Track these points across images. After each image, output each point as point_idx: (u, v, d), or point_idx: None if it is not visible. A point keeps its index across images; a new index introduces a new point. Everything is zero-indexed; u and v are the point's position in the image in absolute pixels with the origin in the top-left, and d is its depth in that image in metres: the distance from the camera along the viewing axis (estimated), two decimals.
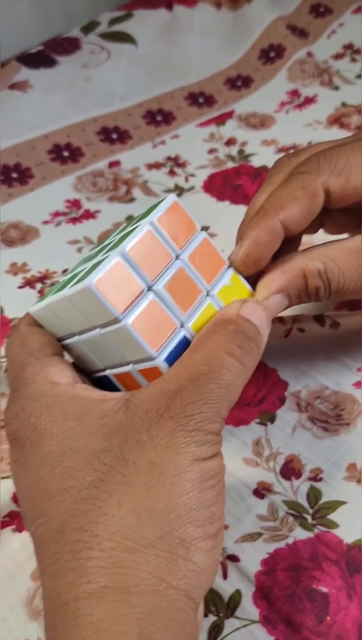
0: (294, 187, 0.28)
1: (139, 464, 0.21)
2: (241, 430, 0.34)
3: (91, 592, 0.19)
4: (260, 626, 0.26)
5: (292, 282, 0.27)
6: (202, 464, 0.21)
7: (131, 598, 0.19)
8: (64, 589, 0.20)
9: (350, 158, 0.28)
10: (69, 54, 0.67)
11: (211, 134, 0.61)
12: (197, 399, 0.21)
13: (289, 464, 0.32)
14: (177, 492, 0.20)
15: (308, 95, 0.66)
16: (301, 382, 0.36)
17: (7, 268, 0.47)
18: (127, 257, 0.23)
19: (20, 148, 0.58)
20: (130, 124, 0.62)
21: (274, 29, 0.73)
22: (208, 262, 0.25)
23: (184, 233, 0.25)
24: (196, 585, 0.20)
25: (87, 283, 0.22)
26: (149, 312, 0.23)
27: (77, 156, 0.59)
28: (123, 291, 0.23)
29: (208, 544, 0.21)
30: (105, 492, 0.20)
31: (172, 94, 0.66)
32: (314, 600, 0.27)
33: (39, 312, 0.27)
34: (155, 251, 0.24)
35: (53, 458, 0.22)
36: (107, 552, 0.19)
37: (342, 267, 0.27)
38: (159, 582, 0.19)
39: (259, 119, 0.63)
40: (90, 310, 0.23)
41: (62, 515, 0.21)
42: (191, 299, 0.24)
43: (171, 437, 0.21)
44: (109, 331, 0.23)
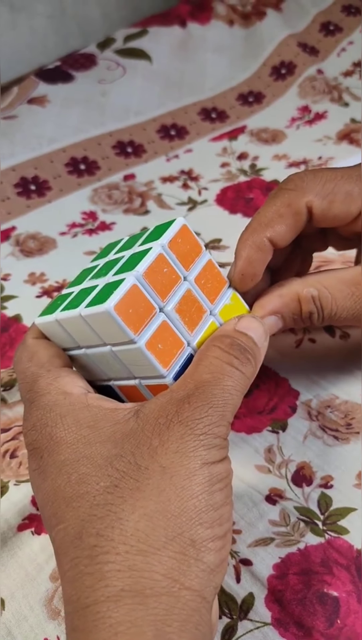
0: (279, 204, 0.29)
1: (150, 469, 0.21)
2: (254, 437, 0.35)
3: (109, 595, 0.20)
4: (272, 628, 0.27)
5: (286, 306, 0.29)
6: (211, 467, 0.22)
7: (147, 600, 0.19)
8: (83, 593, 0.20)
9: (338, 185, 0.30)
10: (86, 69, 0.69)
11: (224, 148, 0.63)
12: (203, 403, 0.22)
13: (300, 471, 0.33)
14: (187, 495, 0.21)
15: (318, 111, 0.67)
16: (311, 392, 0.37)
17: (26, 278, 0.48)
18: (141, 280, 0.24)
19: (38, 161, 0.59)
20: (145, 138, 0.64)
21: (285, 46, 0.74)
22: (211, 283, 0.27)
23: (191, 255, 0.26)
24: (208, 585, 0.21)
25: (106, 307, 0.23)
26: (160, 333, 0.24)
27: (93, 169, 0.60)
28: (137, 313, 0.24)
29: (217, 544, 0.21)
30: (119, 497, 0.21)
31: (186, 109, 0.68)
32: (325, 604, 0.27)
33: (47, 325, 0.27)
34: (166, 273, 0.25)
35: (69, 466, 0.23)
36: (122, 556, 0.20)
37: (335, 295, 0.29)
38: (173, 584, 0.20)
39: (271, 134, 0.64)
40: (104, 331, 0.24)
41: (80, 521, 0.21)
42: (197, 319, 0.26)
43: (181, 441, 0.22)
44: (121, 350, 0.24)
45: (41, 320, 0.27)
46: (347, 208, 0.30)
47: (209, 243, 0.49)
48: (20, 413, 0.37)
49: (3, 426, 0.37)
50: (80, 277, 0.29)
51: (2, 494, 0.33)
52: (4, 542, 0.31)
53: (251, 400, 0.36)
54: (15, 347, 0.42)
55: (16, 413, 0.37)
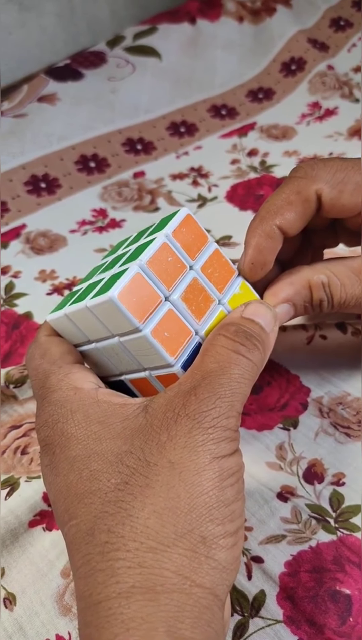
0: (289, 191, 0.29)
1: (159, 465, 0.21)
2: (265, 434, 0.34)
3: (120, 591, 0.20)
4: (284, 626, 0.27)
5: (298, 293, 0.28)
6: (221, 462, 0.21)
7: (158, 597, 0.19)
8: (95, 589, 0.20)
9: (349, 175, 0.29)
10: (95, 67, 0.69)
11: (234, 145, 0.62)
12: (210, 394, 0.22)
13: (311, 469, 0.33)
14: (197, 491, 0.21)
15: (329, 107, 0.67)
16: (323, 389, 0.36)
17: (36, 275, 0.48)
18: (145, 269, 0.24)
19: (48, 159, 0.59)
20: (155, 135, 0.64)
21: (295, 42, 0.74)
22: (219, 272, 0.27)
23: (197, 244, 0.26)
24: (220, 583, 0.21)
25: (110, 295, 0.23)
26: (166, 321, 0.24)
27: (103, 167, 0.60)
28: (142, 302, 0.24)
29: (229, 541, 0.21)
30: (129, 494, 0.21)
31: (195, 106, 0.68)
32: (337, 602, 0.27)
33: (57, 321, 0.27)
34: (170, 262, 0.25)
35: (80, 462, 0.23)
36: (133, 553, 0.20)
37: (344, 282, 0.28)
38: (184, 581, 0.20)
39: (281, 131, 0.64)
40: (110, 321, 0.24)
41: (92, 518, 0.21)
42: (204, 308, 0.25)
43: (189, 435, 0.21)
44: (128, 340, 0.24)
45: (52, 316, 0.27)
46: (357, 199, 0.30)
47: (219, 240, 0.49)
48: (31, 410, 0.37)
49: (14, 423, 0.37)
50: (90, 274, 0.29)
51: (13, 490, 0.33)
52: (15, 538, 0.31)
53: (262, 397, 0.36)
54: (26, 344, 0.43)
55: (27, 410, 0.37)
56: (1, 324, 0.44)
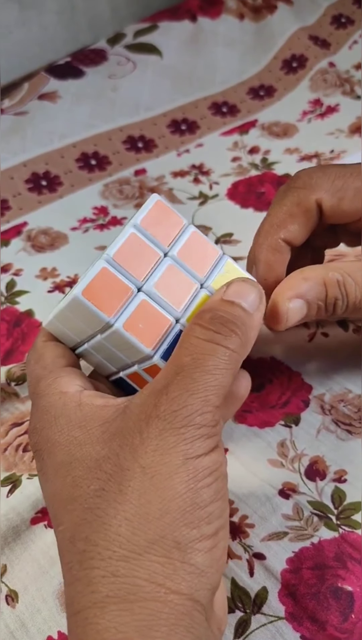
0: (289, 204, 0.30)
1: (131, 470, 0.21)
2: (266, 432, 0.34)
3: (96, 601, 0.19)
4: (286, 623, 0.27)
5: (312, 289, 0.27)
6: (196, 462, 0.21)
7: (131, 606, 0.19)
8: (75, 598, 0.20)
9: (348, 182, 0.30)
10: (96, 65, 0.69)
11: (235, 142, 0.62)
12: (182, 391, 0.21)
13: (313, 466, 0.33)
14: (169, 495, 0.20)
15: (330, 104, 0.67)
16: (324, 386, 0.36)
17: (37, 273, 0.48)
18: (112, 262, 0.24)
19: (49, 157, 0.59)
20: (156, 133, 0.64)
21: (296, 39, 0.74)
22: (200, 254, 0.26)
23: (171, 230, 0.25)
24: (199, 587, 0.20)
25: (75, 293, 0.23)
26: (140, 313, 0.24)
27: (104, 164, 0.60)
28: (112, 296, 0.23)
29: (206, 544, 0.20)
30: (105, 501, 0.21)
31: (196, 103, 0.67)
32: (340, 599, 0.27)
33: (51, 325, 0.27)
34: (141, 252, 0.24)
35: (64, 468, 0.22)
36: (106, 562, 0.20)
37: (359, 282, 0.28)
38: (158, 588, 0.19)
39: (282, 128, 0.64)
40: (84, 319, 0.24)
41: (73, 525, 0.21)
42: (184, 294, 0.25)
43: (160, 437, 0.21)
44: (106, 336, 0.24)
45: (46, 320, 0.27)
46: (357, 205, 0.30)
47: (220, 237, 0.49)
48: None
49: (16, 420, 0.37)
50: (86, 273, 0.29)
51: (15, 487, 0.33)
52: (17, 535, 0.31)
53: (264, 394, 0.36)
54: (27, 342, 0.43)
55: (29, 407, 0.37)
56: (2, 321, 0.44)
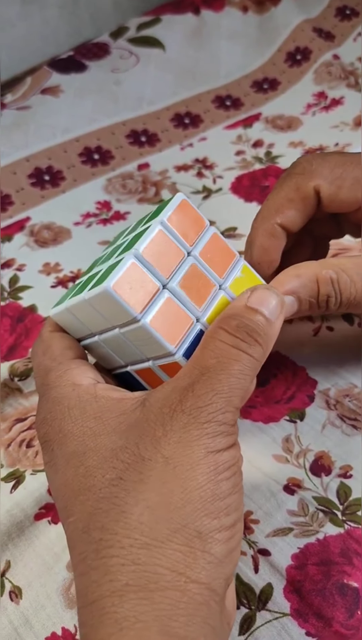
0: (288, 189, 0.30)
1: (153, 460, 0.21)
2: (271, 427, 0.34)
3: (114, 590, 0.19)
4: (291, 619, 0.27)
5: (304, 286, 0.27)
6: (216, 456, 0.21)
7: (152, 595, 0.19)
8: (90, 587, 0.20)
9: (347, 170, 0.29)
10: (99, 59, 0.68)
11: (238, 136, 0.62)
12: (208, 390, 0.22)
13: (318, 461, 0.32)
14: (191, 485, 0.21)
15: (334, 97, 0.66)
16: (329, 380, 0.36)
17: (40, 268, 0.48)
18: (141, 258, 0.24)
19: (52, 151, 0.59)
20: (159, 127, 0.63)
21: (300, 32, 0.73)
22: (219, 256, 0.26)
23: (194, 229, 0.25)
24: (216, 577, 0.20)
25: (105, 286, 0.23)
26: (165, 310, 0.24)
27: (107, 159, 0.60)
28: (139, 291, 0.23)
29: (225, 535, 0.21)
30: (123, 490, 0.21)
31: (200, 97, 0.67)
32: (345, 595, 0.27)
33: (59, 315, 0.27)
34: (167, 250, 0.24)
35: (76, 458, 0.22)
36: (126, 550, 0.20)
37: (354, 279, 0.28)
38: (178, 577, 0.20)
39: (286, 121, 0.63)
40: (109, 312, 0.24)
41: (87, 515, 0.21)
42: (204, 294, 0.25)
43: (184, 430, 0.21)
44: (128, 330, 0.24)
45: (55, 311, 0.27)
46: (355, 194, 0.29)
47: (224, 232, 0.49)
48: (36, 403, 0.37)
49: (19, 416, 0.37)
50: (91, 267, 0.29)
51: (18, 483, 0.33)
52: (21, 531, 0.31)
53: (268, 389, 0.36)
54: (30, 337, 0.42)
55: (32, 402, 0.37)
56: (5, 317, 0.44)
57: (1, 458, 0.34)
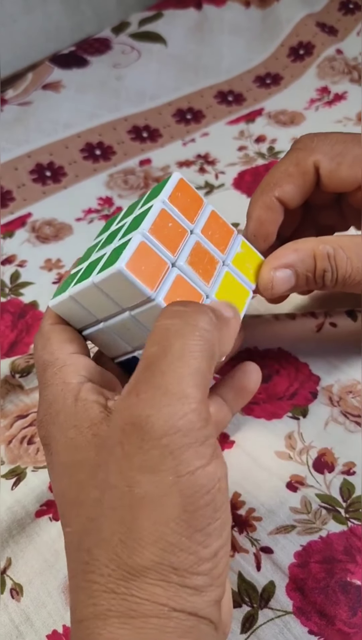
0: (288, 163, 0.30)
1: (120, 488, 0.19)
2: (274, 423, 0.34)
3: (97, 613, 0.19)
4: (294, 617, 0.27)
5: (301, 260, 0.28)
6: (190, 479, 0.19)
7: (133, 622, 0.19)
8: (78, 606, 0.20)
9: (348, 147, 0.29)
10: (100, 54, 0.68)
11: (241, 131, 0.61)
12: (151, 389, 0.19)
13: (321, 458, 0.32)
14: (162, 520, 0.18)
15: (338, 92, 0.66)
16: (332, 377, 0.36)
17: (42, 264, 0.48)
18: (148, 237, 0.23)
19: (53, 147, 0.59)
20: (161, 122, 0.63)
21: (303, 26, 0.73)
22: (219, 233, 0.26)
23: (193, 208, 0.26)
24: (203, 606, 0.19)
25: (118, 267, 0.22)
26: (177, 287, 0.24)
27: (108, 154, 0.59)
28: (150, 270, 0.23)
29: (205, 567, 0.19)
30: (102, 515, 0.20)
31: (202, 92, 0.67)
32: (348, 593, 0.27)
33: (61, 305, 0.26)
34: (171, 228, 0.24)
35: (68, 469, 0.22)
36: (105, 578, 0.19)
37: (351, 257, 0.28)
38: (160, 607, 0.19)
39: (289, 116, 0.63)
40: (120, 294, 0.24)
41: (79, 532, 0.21)
42: (211, 270, 0.25)
43: (143, 452, 0.19)
44: (140, 312, 0.24)
45: (55, 301, 0.27)
46: (355, 172, 0.29)
47: None
48: (37, 399, 0.37)
49: (20, 412, 0.36)
50: (85, 256, 0.28)
51: (19, 480, 0.33)
52: (22, 528, 0.31)
53: (271, 385, 0.36)
54: (31, 333, 0.42)
55: (33, 399, 0.37)
56: (7, 313, 0.44)
57: (2, 455, 0.34)
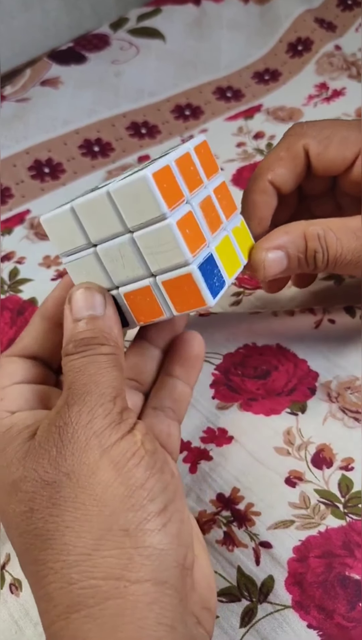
0: (279, 149, 0.32)
1: (57, 481, 0.21)
2: (272, 419, 0.34)
3: (59, 614, 0.19)
4: (293, 611, 0.27)
5: (292, 242, 0.28)
6: (113, 449, 0.21)
7: (91, 612, 0.19)
8: (42, 616, 0.20)
9: (335, 131, 0.31)
10: (99, 50, 0.68)
11: (239, 127, 0.61)
12: (77, 396, 0.22)
13: (320, 454, 0.32)
14: (99, 490, 0.20)
15: (336, 88, 0.66)
16: (331, 373, 0.36)
17: (40, 261, 0.48)
18: (173, 164, 0.24)
19: (52, 143, 0.59)
20: (159, 118, 0.63)
21: (302, 22, 0.72)
22: (225, 202, 0.27)
23: (210, 169, 0.26)
24: (162, 569, 0.20)
25: (144, 174, 0.22)
26: (187, 220, 0.24)
27: (107, 151, 0.59)
28: (170, 192, 0.23)
29: (156, 522, 0.20)
30: (40, 519, 0.21)
31: (201, 88, 0.67)
32: (347, 587, 0.27)
33: (54, 219, 0.25)
34: (191, 172, 0.25)
35: None
36: (60, 573, 0.20)
37: (341, 238, 0.29)
38: (117, 584, 0.19)
39: (287, 113, 0.63)
40: (132, 207, 0.23)
41: (20, 552, 0.21)
42: (215, 225, 0.26)
43: (72, 440, 0.21)
44: (144, 233, 0.23)
45: (49, 215, 0.26)
46: (343, 152, 0.31)
47: None
48: None
49: None
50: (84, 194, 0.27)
51: None
52: None
53: (270, 381, 0.36)
54: None
55: None
56: (6, 310, 0.44)
57: None
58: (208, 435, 0.34)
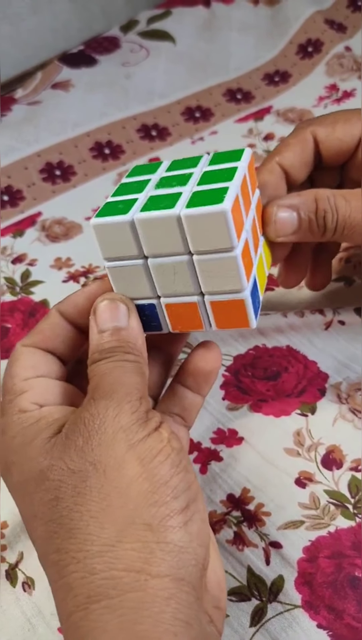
0: (288, 137, 0.34)
1: (84, 470, 0.21)
2: (283, 420, 0.34)
3: (79, 604, 0.19)
4: (302, 611, 0.27)
5: (303, 202, 0.30)
6: (140, 445, 0.21)
7: (112, 602, 0.19)
8: (60, 606, 0.21)
9: (338, 115, 0.34)
10: (109, 53, 0.68)
11: (249, 129, 0.62)
12: (104, 393, 0.23)
13: (330, 455, 0.32)
14: (125, 483, 0.21)
15: (346, 89, 0.66)
16: (341, 374, 0.36)
17: (52, 263, 0.48)
18: (239, 192, 0.24)
19: (63, 146, 0.59)
20: (170, 120, 0.63)
21: (312, 23, 0.73)
22: (259, 214, 0.28)
23: (254, 184, 0.27)
24: (181, 565, 0.20)
25: (224, 208, 0.22)
26: (245, 249, 0.24)
27: (117, 153, 0.60)
28: (237, 224, 0.23)
29: (178, 520, 0.20)
30: (65, 508, 0.21)
31: (211, 90, 0.67)
32: (356, 588, 0.27)
33: (107, 226, 0.24)
34: (246, 194, 0.25)
35: (21, 488, 0.23)
36: (82, 563, 0.20)
37: (349, 199, 0.30)
38: (137, 576, 0.19)
39: (298, 114, 0.63)
40: (201, 235, 0.23)
41: (42, 541, 0.22)
42: (256, 244, 0.27)
43: (100, 432, 0.22)
44: (205, 259, 0.23)
45: (102, 220, 0.24)
46: (350, 130, 0.33)
47: None
48: None
49: None
50: (123, 190, 0.26)
51: None
52: None
53: (280, 383, 0.36)
54: None
55: None
56: (17, 311, 0.44)
57: None
58: (218, 436, 0.34)
